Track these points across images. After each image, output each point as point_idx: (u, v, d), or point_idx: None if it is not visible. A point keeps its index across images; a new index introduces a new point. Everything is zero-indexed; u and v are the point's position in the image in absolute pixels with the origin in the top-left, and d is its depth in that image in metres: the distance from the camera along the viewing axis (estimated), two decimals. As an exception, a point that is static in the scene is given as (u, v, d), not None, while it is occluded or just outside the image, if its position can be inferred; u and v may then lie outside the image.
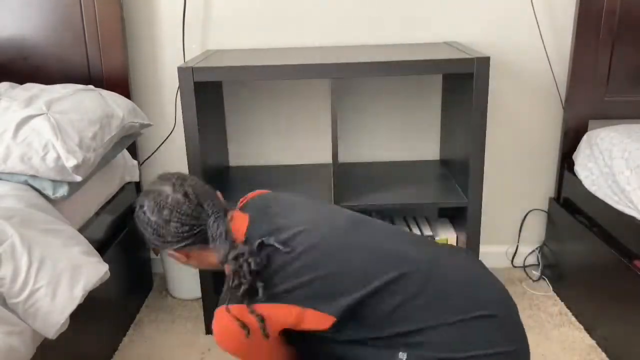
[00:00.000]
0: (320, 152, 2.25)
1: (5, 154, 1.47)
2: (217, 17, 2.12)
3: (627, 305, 1.66)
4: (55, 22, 2.01)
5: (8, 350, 1.13)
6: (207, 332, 1.95)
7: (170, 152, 2.25)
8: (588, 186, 1.89)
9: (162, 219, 1.20)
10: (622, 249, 1.70)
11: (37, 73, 2.04)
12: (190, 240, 1.22)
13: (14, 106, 1.57)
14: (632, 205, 1.65)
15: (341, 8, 2.10)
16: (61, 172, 1.50)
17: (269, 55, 1.91)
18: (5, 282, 1.22)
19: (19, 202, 1.39)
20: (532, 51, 2.11)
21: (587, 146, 1.96)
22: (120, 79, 2.06)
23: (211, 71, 1.70)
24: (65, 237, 1.40)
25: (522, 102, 2.17)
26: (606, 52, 2.01)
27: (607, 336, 1.78)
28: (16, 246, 1.26)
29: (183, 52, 2.12)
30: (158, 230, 1.21)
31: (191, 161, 1.78)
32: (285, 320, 1.14)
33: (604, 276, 1.78)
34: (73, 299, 1.31)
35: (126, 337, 1.94)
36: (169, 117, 2.21)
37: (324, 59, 1.76)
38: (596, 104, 2.06)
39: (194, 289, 2.11)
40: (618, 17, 1.97)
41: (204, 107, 1.81)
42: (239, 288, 1.12)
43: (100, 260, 1.46)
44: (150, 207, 1.21)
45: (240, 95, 2.19)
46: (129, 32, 2.11)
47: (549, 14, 2.08)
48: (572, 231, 1.99)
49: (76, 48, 2.04)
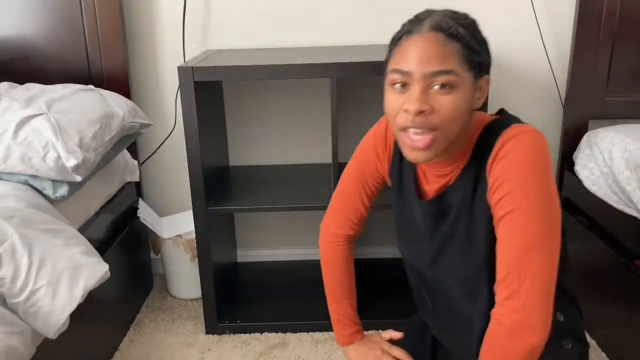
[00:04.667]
0: (320, 152, 2.25)
1: (5, 154, 1.47)
2: (217, 17, 2.12)
3: (627, 305, 1.66)
4: (55, 22, 2.01)
5: (8, 350, 1.13)
6: (207, 332, 1.95)
7: (170, 152, 2.25)
8: (588, 186, 1.89)
9: None
10: (622, 249, 1.70)
11: (37, 73, 2.04)
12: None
13: (14, 106, 1.57)
14: (632, 205, 1.65)
15: (341, 8, 2.10)
16: (61, 172, 1.50)
17: (269, 55, 1.91)
18: (5, 282, 1.22)
19: (19, 202, 1.39)
20: (532, 51, 2.11)
21: (587, 146, 1.96)
22: (120, 79, 2.06)
23: (211, 71, 1.70)
24: (66, 237, 1.40)
25: (522, 102, 2.17)
26: (606, 52, 2.01)
27: (607, 336, 1.78)
28: (16, 246, 1.26)
29: (183, 52, 2.12)
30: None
31: (191, 161, 1.78)
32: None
33: (604, 276, 1.78)
34: (73, 299, 1.31)
35: (126, 337, 1.94)
36: (169, 117, 2.21)
37: (324, 59, 1.76)
38: (596, 104, 2.06)
39: (194, 289, 2.11)
40: (618, 17, 1.97)
41: (204, 107, 1.81)
42: None
43: (100, 260, 1.46)
44: None
45: (240, 95, 2.19)
46: (129, 32, 2.11)
47: (549, 14, 2.08)
48: (572, 231, 1.99)
49: (76, 48, 2.04)
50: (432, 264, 1.10)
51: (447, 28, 0.91)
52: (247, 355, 1.84)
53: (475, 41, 0.94)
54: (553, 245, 0.93)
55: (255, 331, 1.95)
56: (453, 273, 1.06)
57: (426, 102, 0.91)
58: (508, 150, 0.93)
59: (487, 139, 0.98)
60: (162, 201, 2.31)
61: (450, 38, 0.91)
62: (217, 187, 1.99)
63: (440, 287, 1.12)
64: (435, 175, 1.06)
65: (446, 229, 1.05)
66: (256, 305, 2.07)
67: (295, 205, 1.86)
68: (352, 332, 1.28)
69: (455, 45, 0.91)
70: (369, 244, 2.27)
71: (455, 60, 0.91)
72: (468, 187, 1.00)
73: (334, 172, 1.80)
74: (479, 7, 2.08)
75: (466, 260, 1.03)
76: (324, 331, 1.94)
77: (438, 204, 1.05)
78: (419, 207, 1.09)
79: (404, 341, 1.25)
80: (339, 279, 1.28)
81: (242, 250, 2.39)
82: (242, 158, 2.27)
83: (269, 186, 2.01)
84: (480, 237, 1.00)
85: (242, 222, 2.35)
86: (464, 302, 1.08)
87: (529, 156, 0.92)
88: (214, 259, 1.90)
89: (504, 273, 0.93)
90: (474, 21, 0.97)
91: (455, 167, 1.02)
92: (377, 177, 1.19)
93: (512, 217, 0.92)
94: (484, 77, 0.97)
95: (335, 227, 1.26)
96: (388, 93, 0.97)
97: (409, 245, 1.15)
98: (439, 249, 1.07)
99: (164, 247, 2.11)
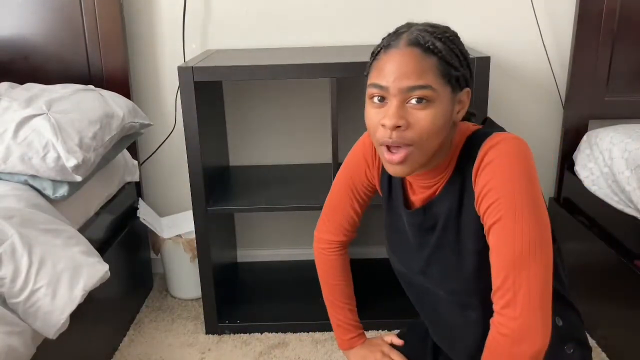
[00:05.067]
0: (320, 152, 2.25)
1: (5, 154, 1.47)
2: (217, 17, 2.12)
3: (627, 305, 1.66)
4: (55, 22, 2.01)
5: (8, 350, 1.13)
6: (207, 332, 1.95)
7: (170, 152, 2.25)
8: (588, 186, 1.89)
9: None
10: (622, 249, 1.70)
11: (37, 73, 2.04)
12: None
13: (14, 106, 1.57)
14: (632, 205, 1.65)
15: (341, 8, 2.10)
16: (61, 172, 1.50)
17: (269, 55, 1.91)
18: (5, 282, 1.22)
19: (19, 202, 1.39)
20: (532, 51, 2.11)
21: (587, 146, 1.96)
22: (120, 79, 2.06)
23: (211, 71, 1.70)
24: (66, 237, 1.40)
25: (522, 102, 2.17)
26: (606, 52, 2.01)
27: (607, 336, 1.78)
28: (16, 246, 1.26)
29: (183, 52, 2.12)
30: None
31: (191, 161, 1.78)
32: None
33: (604, 276, 1.78)
34: (73, 299, 1.31)
35: (126, 337, 1.94)
36: (169, 117, 2.21)
37: (324, 59, 1.76)
38: (596, 104, 2.06)
39: (194, 289, 2.11)
40: (618, 17, 1.97)
41: (204, 107, 1.81)
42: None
43: (100, 260, 1.46)
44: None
45: (240, 95, 2.19)
46: (129, 32, 2.11)
47: (549, 14, 2.08)
48: (572, 231, 1.99)
49: (76, 48, 2.04)
50: (422, 275, 1.09)
51: (424, 43, 0.91)
52: (247, 355, 1.84)
53: (452, 55, 0.93)
54: (545, 249, 0.92)
55: (255, 331, 1.95)
56: (442, 286, 1.06)
57: (402, 117, 0.91)
58: (492, 158, 0.93)
59: (470, 149, 0.98)
60: (162, 201, 2.31)
61: (427, 53, 0.91)
62: (217, 187, 1.99)
63: (430, 297, 1.12)
64: (420, 187, 1.06)
65: (433, 241, 1.04)
66: (256, 305, 2.07)
67: (295, 205, 1.86)
68: (352, 337, 1.28)
69: (432, 59, 0.91)
70: (368, 244, 2.27)
71: (432, 75, 0.90)
72: (454, 198, 1.00)
73: (334, 172, 1.80)
74: (479, 7, 2.08)
75: (455, 274, 1.03)
76: (324, 331, 1.94)
77: (424, 214, 1.05)
78: (406, 216, 1.09)
79: (405, 346, 1.25)
80: (336, 285, 1.28)
81: (242, 250, 2.39)
82: (242, 158, 2.26)
83: (269, 186, 2.01)
84: (468, 249, 1.00)
85: (242, 222, 2.35)
86: (455, 313, 1.08)
87: (513, 163, 0.92)
88: (214, 259, 1.90)
89: (499, 281, 0.92)
90: (454, 35, 0.96)
91: (439, 178, 1.02)
92: (367, 185, 1.19)
93: (501, 225, 0.91)
94: (464, 90, 0.96)
95: (328, 234, 1.26)
96: (368, 107, 0.97)
97: (399, 256, 1.15)
98: (427, 261, 1.07)
99: (164, 247, 2.11)
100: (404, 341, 1.26)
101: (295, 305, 2.05)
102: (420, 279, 1.10)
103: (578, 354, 1.08)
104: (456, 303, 1.06)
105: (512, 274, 0.91)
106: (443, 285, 1.06)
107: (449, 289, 1.05)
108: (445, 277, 1.04)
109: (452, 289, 1.05)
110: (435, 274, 1.06)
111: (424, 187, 1.05)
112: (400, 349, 1.24)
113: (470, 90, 0.97)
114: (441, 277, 1.05)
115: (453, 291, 1.05)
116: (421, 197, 1.06)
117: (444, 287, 1.06)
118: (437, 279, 1.06)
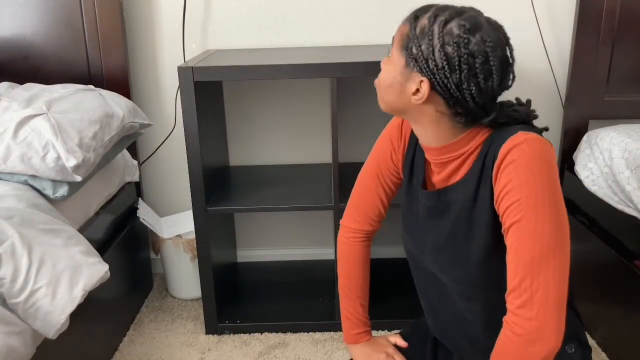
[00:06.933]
0: (320, 152, 2.25)
1: (5, 154, 1.47)
2: (217, 17, 2.12)
3: (627, 305, 1.66)
4: (55, 22, 2.01)
5: (8, 350, 1.13)
6: (207, 332, 1.95)
7: (170, 152, 2.25)
8: (588, 186, 1.89)
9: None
10: (622, 249, 1.70)
11: (37, 73, 2.04)
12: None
13: (14, 106, 1.57)
14: (632, 205, 1.65)
15: (341, 8, 2.10)
16: (61, 172, 1.50)
17: (269, 55, 1.91)
18: (5, 282, 1.22)
19: (19, 202, 1.39)
20: (532, 51, 2.11)
21: (587, 146, 1.96)
22: (120, 79, 2.06)
23: (211, 71, 1.70)
24: (65, 237, 1.40)
25: (522, 102, 2.17)
26: (606, 52, 2.01)
27: (607, 336, 1.78)
28: (16, 246, 1.26)
29: (183, 52, 2.12)
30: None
31: (191, 161, 1.78)
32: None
33: (604, 276, 1.78)
34: (73, 299, 1.31)
35: (126, 337, 1.94)
36: (169, 117, 2.21)
37: (324, 59, 1.76)
38: (596, 104, 2.06)
39: (194, 289, 2.11)
40: (618, 17, 1.97)
41: (204, 107, 1.81)
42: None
43: (100, 260, 1.46)
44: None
45: (240, 95, 2.19)
46: (129, 32, 2.11)
47: (549, 14, 2.08)
48: (572, 231, 1.98)
49: (76, 48, 2.04)
50: (431, 259, 1.10)
51: (414, 16, 0.96)
52: (247, 355, 1.84)
53: (422, 35, 0.93)
54: (563, 252, 0.93)
55: (255, 331, 1.95)
56: (448, 272, 1.07)
57: (385, 63, 1.03)
58: (514, 158, 0.93)
59: (493, 144, 0.98)
60: (162, 201, 2.31)
61: (409, 22, 0.97)
62: (217, 187, 1.99)
63: (436, 285, 1.13)
64: (435, 165, 1.07)
65: (445, 228, 1.06)
66: (256, 305, 2.07)
67: (295, 205, 1.86)
68: (359, 332, 1.28)
69: (407, 28, 0.97)
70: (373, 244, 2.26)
71: (398, 41, 0.98)
72: (471, 190, 1.01)
73: (334, 172, 1.80)
74: (479, 7, 2.07)
75: (461, 262, 1.04)
76: (324, 331, 1.94)
77: (438, 198, 1.06)
78: (421, 196, 1.10)
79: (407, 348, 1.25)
80: (354, 276, 1.29)
81: (242, 250, 2.39)
82: (242, 158, 2.26)
83: (269, 186, 2.01)
84: (477, 242, 1.00)
85: (242, 222, 2.35)
86: (458, 303, 1.09)
87: (536, 163, 0.92)
88: (213, 259, 1.90)
89: (516, 282, 0.93)
90: (464, 35, 0.95)
91: (449, 157, 1.02)
92: (393, 170, 1.20)
93: (521, 226, 0.92)
94: (417, 73, 0.95)
95: (353, 221, 1.27)
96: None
97: (412, 237, 1.16)
98: (437, 246, 1.08)
99: (164, 247, 2.11)
100: (408, 343, 1.26)
101: (295, 305, 2.05)
102: (429, 263, 1.11)
103: (578, 353, 1.08)
104: (459, 293, 1.07)
105: (529, 275, 0.91)
106: (449, 272, 1.07)
107: (454, 277, 1.06)
108: (452, 264, 1.05)
109: (457, 278, 1.06)
110: (444, 260, 1.07)
111: (438, 165, 1.06)
112: (403, 349, 1.24)
113: (425, 82, 0.94)
114: (449, 263, 1.06)
115: (458, 280, 1.05)
116: (438, 179, 1.07)
117: (450, 275, 1.07)
118: (444, 265, 1.07)
